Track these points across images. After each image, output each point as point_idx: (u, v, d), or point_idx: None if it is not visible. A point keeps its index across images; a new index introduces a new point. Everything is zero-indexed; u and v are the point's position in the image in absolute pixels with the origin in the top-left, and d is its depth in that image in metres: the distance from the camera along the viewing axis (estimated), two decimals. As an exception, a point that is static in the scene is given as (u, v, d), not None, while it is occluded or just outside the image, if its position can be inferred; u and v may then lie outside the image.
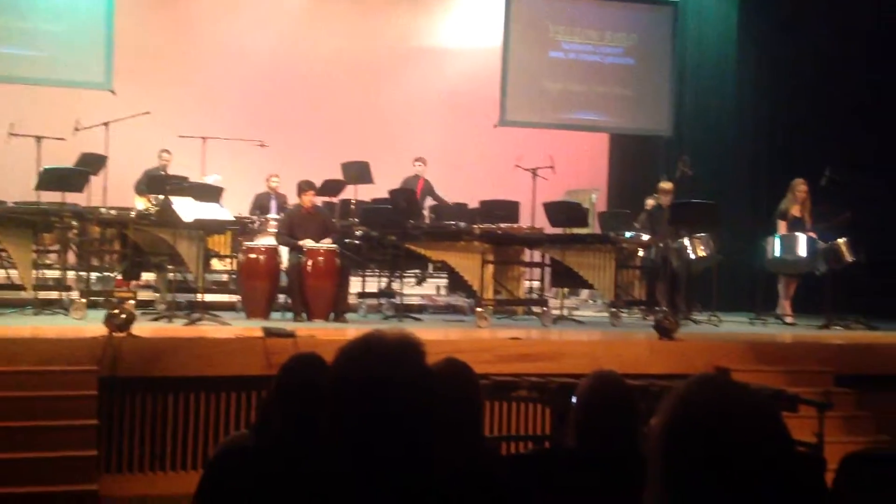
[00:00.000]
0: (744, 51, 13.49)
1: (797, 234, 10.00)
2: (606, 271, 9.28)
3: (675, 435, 1.39)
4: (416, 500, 1.56)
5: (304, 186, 9.41)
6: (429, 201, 12.09)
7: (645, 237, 10.85)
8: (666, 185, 10.75)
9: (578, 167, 13.88)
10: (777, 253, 10.11)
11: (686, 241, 9.94)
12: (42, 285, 9.03)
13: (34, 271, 8.82)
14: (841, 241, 9.78)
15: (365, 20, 13.93)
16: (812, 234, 10.03)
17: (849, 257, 9.77)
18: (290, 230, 9.30)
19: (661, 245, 10.35)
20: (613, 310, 9.45)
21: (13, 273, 9.11)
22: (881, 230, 10.76)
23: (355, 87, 13.82)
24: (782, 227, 10.14)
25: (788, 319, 10.11)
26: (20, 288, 8.80)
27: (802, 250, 9.97)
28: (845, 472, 2.63)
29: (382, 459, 1.54)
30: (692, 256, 9.96)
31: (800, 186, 10.15)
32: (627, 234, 10.80)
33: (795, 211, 10.17)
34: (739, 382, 1.44)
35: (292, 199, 10.35)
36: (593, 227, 11.81)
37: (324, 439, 1.58)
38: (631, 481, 1.86)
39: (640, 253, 10.83)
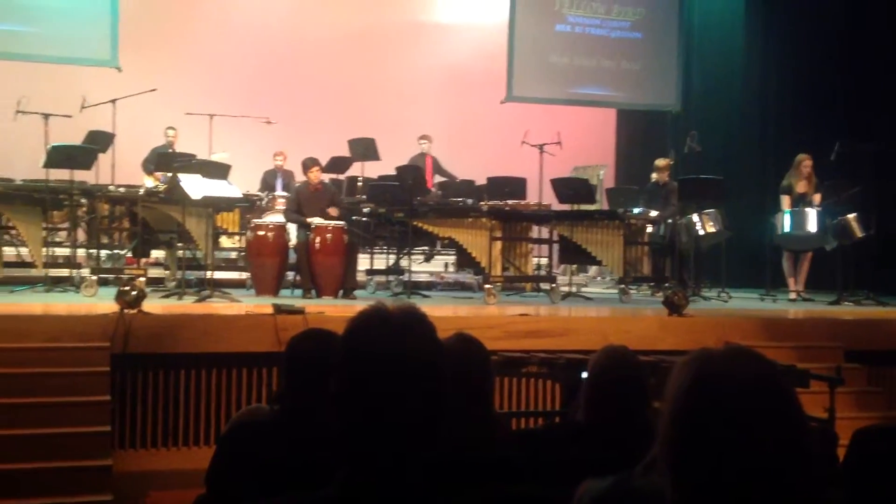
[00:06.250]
0: (751, 24, 13.40)
1: (807, 209, 9.94)
2: (615, 247, 9.28)
3: (690, 399, 1.38)
4: (428, 475, 1.56)
5: (308, 163, 9.41)
6: (438, 178, 12.08)
7: (653, 213, 10.84)
8: (661, 161, 10.71)
9: (586, 143, 13.84)
10: (787, 229, 10.05)
11: (695, 217, 9.91)
12: (52, 263, 9.05)
13: (44, 249, 8.85)
14: (851, 216, 9.72)
15: (371, -5, 13.91)
16: (819, 209, 9.97)
17: (859, 233, 9.72)
18: (298, 207, 9.31)
19: (668, 221, 10.33)
20: (622, 286, 9.45)
21: (24, 251, 9.16)
22: (892, 204, 10.71)
23: (362, 63, 13.77)
24: (786, 202, 10.06)
25: (792, 296, 10.08)
26: (31, 266, 8.84)
27: (812, 226, 9.92)
28: (857, 446, 2.63)
29: (392, 434, 1.53)
30: (700, 232, 9.94)
31: (805, 162, 10.06)
32: (635, 210, 10.79)
33: (800, 187, 10.10)
34: (759, 353, 1.43)
35: (299, 177, 10.35)
36: (601, 204, 11.80)
37: (333, 413, 1.57)
38: (640, 456, 1.86)
39: (649, 229, 10.82)
